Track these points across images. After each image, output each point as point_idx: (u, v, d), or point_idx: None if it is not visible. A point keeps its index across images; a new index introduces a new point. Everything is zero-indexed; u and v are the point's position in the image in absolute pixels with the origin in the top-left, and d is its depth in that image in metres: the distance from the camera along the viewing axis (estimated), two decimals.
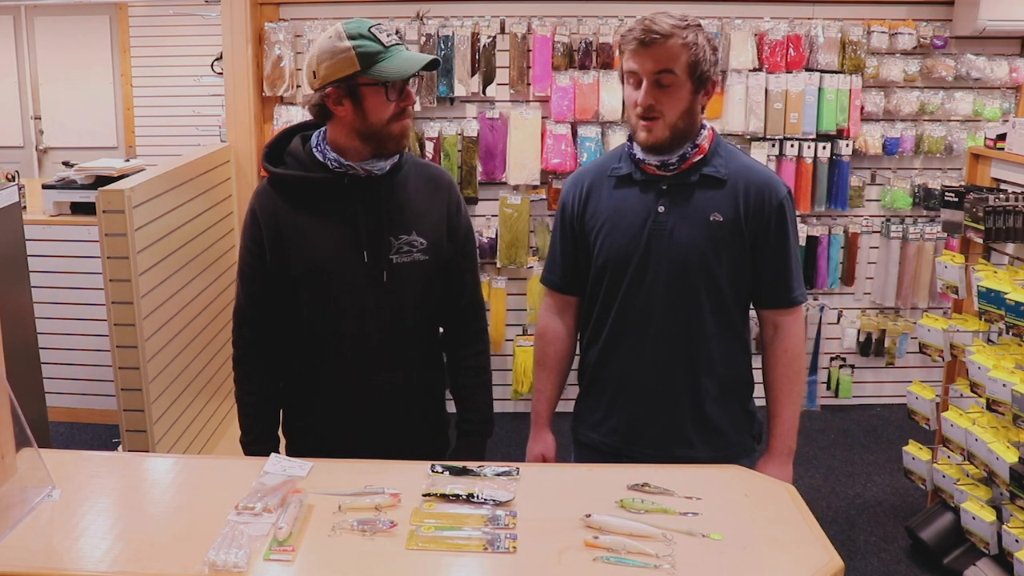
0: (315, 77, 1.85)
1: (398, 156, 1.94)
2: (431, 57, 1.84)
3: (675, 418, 2.01)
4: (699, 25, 1.89)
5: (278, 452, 2.04)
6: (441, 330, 2.13)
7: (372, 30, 1.81)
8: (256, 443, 2.04)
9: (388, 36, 1.83)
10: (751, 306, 2.08)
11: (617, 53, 2.01)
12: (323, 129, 1.94)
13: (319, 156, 1.90)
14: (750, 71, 4.14)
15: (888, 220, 4.40)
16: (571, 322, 2.16)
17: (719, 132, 2.04)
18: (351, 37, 1.80)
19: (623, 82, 1.95)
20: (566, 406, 2.24)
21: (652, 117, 1.87)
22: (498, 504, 1.61)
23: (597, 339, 2.06)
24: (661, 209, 1.94)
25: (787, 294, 2.02)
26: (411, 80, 1.86)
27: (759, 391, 2.10)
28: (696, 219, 1.93)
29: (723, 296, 1.98)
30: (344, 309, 1.94)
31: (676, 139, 1.90)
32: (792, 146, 4.20)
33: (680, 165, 1.94)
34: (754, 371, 2.10)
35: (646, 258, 1.95)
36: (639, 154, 1.96)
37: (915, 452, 3.34)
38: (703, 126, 1.97)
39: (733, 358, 2.04)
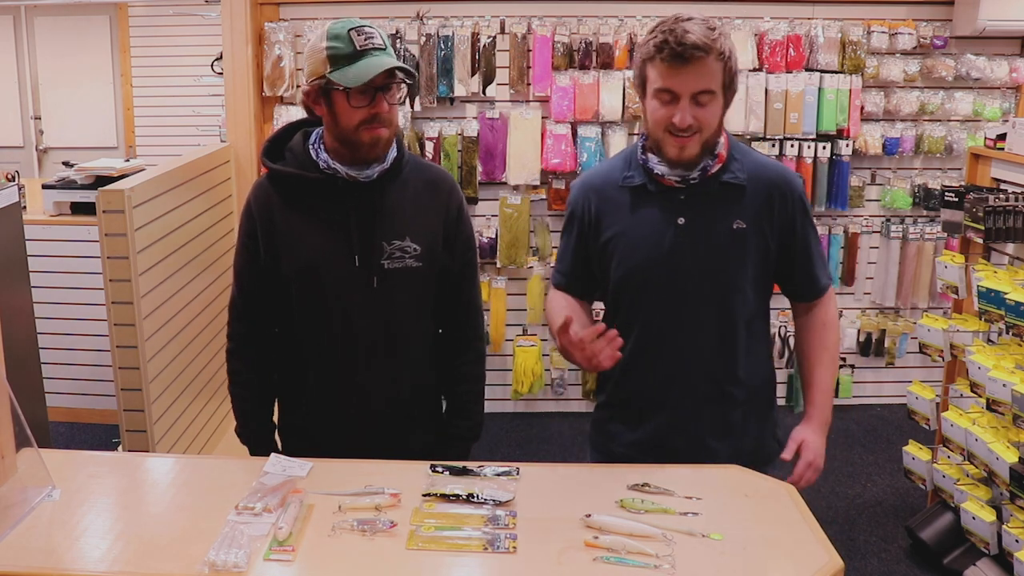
0: (303, 73, 1.87)
1: (392, 161, 1.91)
2: (389, 66, 1.77)
3: (701, 431, 1.96)
4: (725, 32, 1.81)
5: (273, 442, 2.05)
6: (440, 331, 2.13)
7: (351, 32, 1.78)
8: (252, 435, 2.04)
9: (366, 39, 1.79)
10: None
11: (638, 59, 1.85)
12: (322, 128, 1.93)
13: (313, 155, 1.90)
14: (750, 71, 4.14)
15: (888, 220, 4.40)
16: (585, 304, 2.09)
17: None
18: (330, 38, 1.79)
19: (643, 92, 1.84)
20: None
21: (688, 135, 1.79)
22: (498, 504, 1.61)
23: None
24: (681, 221, 1.87)
25: (815, 286, 2.01)
26: (393, 87, 1.82)
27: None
28: (718, 229, 1.88)
29: (750, 304, 1.93)
30: (332, 311, 1.93)
31: (705, 153, 1.84)
32: (792, 146, 4.20)
33: (701, 178, 1.87)
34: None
35: (670, 273, 1.89)
36: (656, 168, 1.88)
37: (915, 452, 3.34)
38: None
39: (759, 362, 2.00)
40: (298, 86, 4.08)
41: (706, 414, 1.95)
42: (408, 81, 1.86)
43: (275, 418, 2.10)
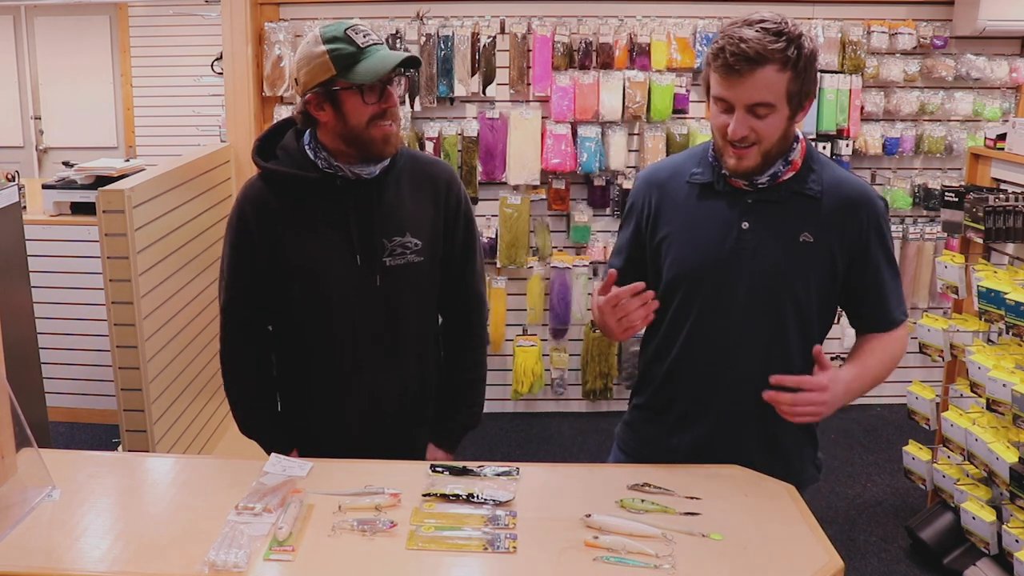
0: (297, 84, 1.84)
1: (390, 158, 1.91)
2: (405, 56, 1.77)
3: (743, 446, 1.86)
4: (799, 35, 1.68)
5: (280, 431, 2.04)
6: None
7: (348, 32, 1.77)
8: (264, 432, 2.03)
9: (365, 36, 1.78)
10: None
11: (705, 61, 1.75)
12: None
13: (310, 155, 1.88)
14: None
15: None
16: None
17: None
18: (326, 41, 1.77)
19: (707, 95, 1.77)
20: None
21: (744, 146, 1.72)
22: (498, 504, 1.61)
23: (664, 356, 1.91)
24: (745, 226, 1.79)
25: (886, 318, 1.87)
26: (395, 81, 1.82)
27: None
28: (784, 239, 1.79)
29: (809, 321, 1.84)
30: (335, 310, 1.92)
31: (767, 164, 1.76)
32: None
33: (771, 183, 1.79)
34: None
35: (725, 278, 1.80)
36: (725, 169, 1.80)
37: (915, 452, 3.34)
38: (796, 138, 1.81)
39: None
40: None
41: (749, 428, 1.87)
42: (414, 68, 1.83)
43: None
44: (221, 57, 4.09)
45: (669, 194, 1.88)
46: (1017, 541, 2.71)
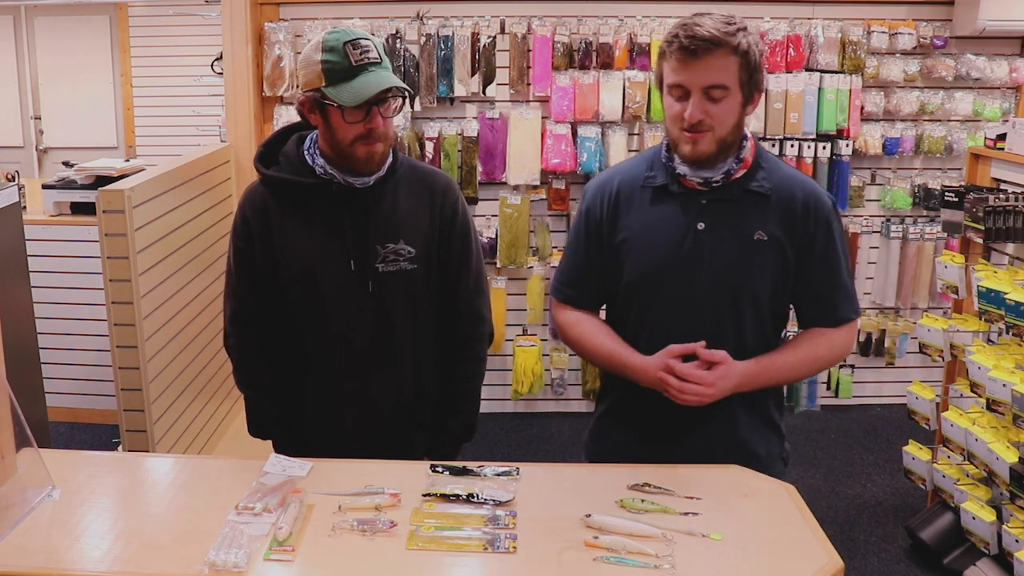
0: (298, 83, 1.87)
1: (387, 166, 1.91)
2: (389, 84, 1.77)
3: (708, 446, 1.89)
4: (746, 28, 1.75)
5: (281, 431, 2.05)
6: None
7: (347, 45, 1.77)
8: (274, 432, 2.06)
9: (362, 54, 1.77)
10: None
11: (657, 58, 1.82)
12: (316, 132, 1.93)
13: (309, 160, 1.90)
14: None
15: (888, 220, 4.40)
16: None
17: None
18: (325, 50, 1.78)
19: (661, 89, 1.82)
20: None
21: (699, 131, 1.75)
22: (498, 504, 1.62)
23: None
24: (701, 226, 1.82)
25: (830, 312, 1.89)
26: (388, 101, 1.80)
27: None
28: (739, 238, 1.82)
29: (764, 318, 1.88)
30: (331, 315, 1.94)
31: (722, 153, 1.79)
32: (792, 146, 4.20)
33: (724, 182, 1.83)
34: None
35: (683, 278, 1.83)
36: (679, 168, 1.83)
37: (915, 452, 3.34)
38: (745, 136, 1.85)
39: None
40: (297, 86, 4.12)
41: (714, 428, 1.89)
42: (403, 96, 1.84)
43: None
44: (221, 57, 4.09)
45: (623, 199, 1.90)
46: (1017, 541, 2.71)
